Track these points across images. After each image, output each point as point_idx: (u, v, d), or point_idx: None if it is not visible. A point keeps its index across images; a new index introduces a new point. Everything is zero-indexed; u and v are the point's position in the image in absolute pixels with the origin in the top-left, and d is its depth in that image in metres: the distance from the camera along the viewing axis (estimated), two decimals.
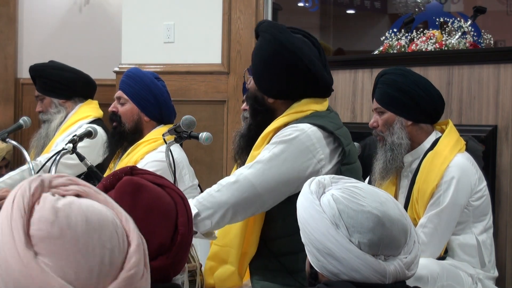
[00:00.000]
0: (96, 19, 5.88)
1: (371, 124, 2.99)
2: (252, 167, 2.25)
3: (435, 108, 2.94)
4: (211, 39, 4.73)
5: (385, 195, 1.54)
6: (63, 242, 1.01)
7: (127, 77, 3.15)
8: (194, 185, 3.07)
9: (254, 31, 2.45)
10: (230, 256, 2.37)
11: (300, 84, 2.34)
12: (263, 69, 2.36)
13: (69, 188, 1.09)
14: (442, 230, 2.76)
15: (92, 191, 1.10)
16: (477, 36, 3.84)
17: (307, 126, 2.29)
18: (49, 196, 1.06)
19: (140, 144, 3.06)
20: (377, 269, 1.46)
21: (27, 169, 3.24)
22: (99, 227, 1.03)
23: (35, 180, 1.08)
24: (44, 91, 3.70)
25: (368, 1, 8.38)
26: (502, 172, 3.23)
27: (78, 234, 1.01)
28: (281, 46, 2.31)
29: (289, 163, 2.24)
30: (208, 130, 2.71)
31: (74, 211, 1.03)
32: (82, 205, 1.05)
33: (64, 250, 1.00)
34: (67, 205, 1.04)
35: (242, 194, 2.21)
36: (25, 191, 1.06)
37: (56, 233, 1.01)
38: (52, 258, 1.00)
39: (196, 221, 2.19)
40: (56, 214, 1.02)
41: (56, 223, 1.01)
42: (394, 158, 2.91)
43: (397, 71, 2.97)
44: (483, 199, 2.88)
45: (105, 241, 1.02)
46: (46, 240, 1.01)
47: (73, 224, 1.02)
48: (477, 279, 2.81)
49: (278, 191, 2.24)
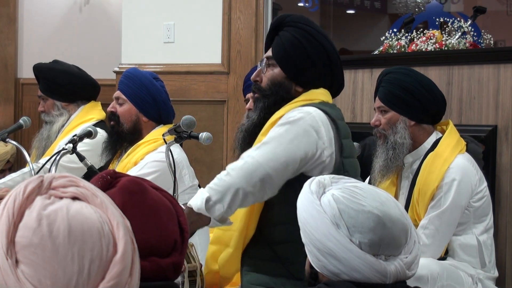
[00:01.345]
0: (96, 19, 5.88)
1: (373, 122, 2.98)
2: (259, 148, 2.27)
3: (438, 109, 2.94)
4: (211, 39, 4.73)
5: (385, 195, 1.54)
6: (42, 251, 1.00)
7: (126, 78, 3.15)
8: (194, 185, 3.07)
9: (277, 23, 2.49)
10: (233, 239, 2.40)
11: (328, 74, 2.45)
12: (303, 58, 2.42)
13: (67, 190, 1.09)
14: (443, 231, 2.77)
15: (90, 193, 1.09)
16: (477, 36, 3.85)
17: (312, 109, 2.34)
18: (40, 201, 1.05)
19: (140, 145, 3.06)
20: (378, 269, 1.46)
21: (28, 172, 3.23)
22: (82, 236, 1.02)
23: (33, 181, 1.08)
24: (48, 92, 3.67)
25: (368, 1, 8.38)
26: (502, 172, 3.23)
27: (58, 244, 1.00)
28: (320, 35, 2.44)
29: (295, 142, 2.27)
30: (208, 130, 2.71)
31: (59, 219, 1.02)
32: (69, 212, 1.03)
33: (43, 260, 1.00)
34: (53, 212, 1.03)
35: (251, 174, 2.22)
36: (19, 194, 1.05)
37: (36, 241, 1.00)
38: (30, 267, 1.00)
39: (208, 206, 2.20)
40: (40, 221, 1.01)
41: (38, 231, 1.01)
42: (395, 156, 2.91)
43: (401, 70, 2.96)
44: (483, 200, 2.88)
45: (86, 252, 1.02)
46: (27, 248, 1.00)
47: (55, 233, 1.01)
48: (477, 279, 2.81)
49: (285, 170, 2.26)
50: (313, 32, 2.44)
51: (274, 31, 2.49)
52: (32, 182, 1.08)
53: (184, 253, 1.50)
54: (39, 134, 3.72)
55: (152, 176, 2.91)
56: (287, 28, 2.45)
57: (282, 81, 2.45)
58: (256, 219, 2.41)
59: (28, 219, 1.02)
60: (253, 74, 2.52)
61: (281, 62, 2.44)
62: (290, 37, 2.43)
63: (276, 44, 2.47)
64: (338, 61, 2.47)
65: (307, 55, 2.42)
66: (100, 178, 1.51)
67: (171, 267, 1.40)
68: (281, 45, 2.45)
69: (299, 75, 2.44)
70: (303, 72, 2.43)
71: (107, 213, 1.08)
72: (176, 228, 1.49)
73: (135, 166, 2.99)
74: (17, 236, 1.01)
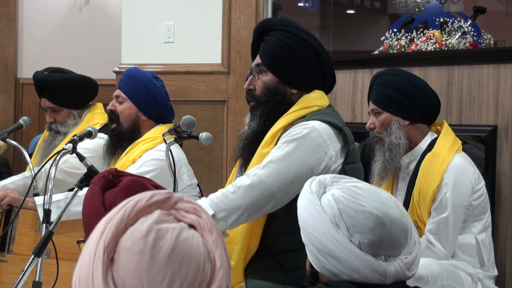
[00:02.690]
0: (96, 19, 5.88)
1: (368, 126, 3.00)
2: (266, 167, 2.27)
3: (431, 107, 2.94)
4: (211, 39, 4.73)
5: (385, 195, 1.54)
6: (138, 260, 1.00)
7: (126, 76, 3.16)
8: (193, 184, 3.07)
9: (260, 29, 2.48)
10: (234, 253, 2.39)
11: (319, 71, 2.44)
12: (293, 60, 2.41)
13: (188, 216, 1.08)
14: (452, 233, 2.79)
15: (208, 227, 1.08)
16: (477, 36, 3.84)
17: (317, 123, 2.33)
18: (158, 214, 1.05)
19: (138, 143, 3.06)
20: (378, 269, 1.46)
21: (30, 175, 3.22)
22: (180, 263, 1.01)
23: (161, 194, 1.08)
24: (61, 103, 3.52)
25: (368, 1, 8.37)
26: (502, 172, 3.23)
27: (155, 260, 1.00)
28: (306, 35, 2.43)
29: (302, 161, 2.27)
30: (208, 130, 2.71)
31: (167, 237, 1.02)
32: (179, 236, 1.03)
33: (135, 268, 1.00)
34: (164, 229, 1.03)
35: (257, 195, 2.23)
36: (142, 200, 1.06)
37: (137, 249, 1.01)
38: (121, 270, 1.00)
39: None
40: (149, 232, 1.02)
41: (143, 240, 1.01)
42: (392, 158, 2.91)
43: (393, 71, 2.98)
44: (482, 198, 2.88)
45: (177, 278, 1.01)
46: (126, 251, 1.01)
47: (157, 248, 1.01)
48: (476, 278, 2.82)
49: (292, 189, 2.26)
50: (297, 33, 2.43)
51: (259, 38, 2.48)
52: (159, 194, 1.08)
53: None
54: (43, 143, 3.57)
55: (151, 174, 2.91)
56: (271, 33, 2.44)
57: (276, 85, 2.44)
58: (260, 233, 2.41)
59: (139, 226, 1.03)
60: (246, 83, 2.51)
61: (271, 67, 2.43)
62: (277, 40, 2.42)
63: (264, 50, 2.45)
64: (327, 57, 2.46)
65: (296, 56, 2.40)
66: (102, 177, 1.52)
67: None
68: (269, 50, 2.43)
69: (291, 77, 2.43)
70: (295, 74, 2.42)
71: (215, 252, 1.07)
72: None
73: (133, 164, 2.99)
74: (123, 237, 1.02)
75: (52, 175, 2.50)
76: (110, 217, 1.05)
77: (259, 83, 2.45)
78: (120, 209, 1.05)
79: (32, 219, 3.01)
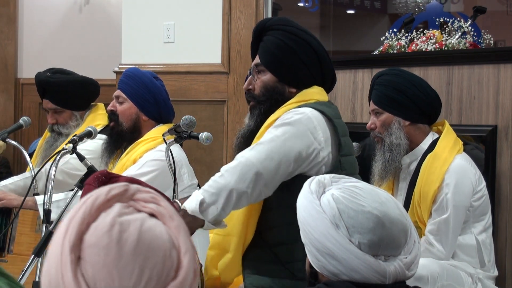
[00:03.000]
0: (96, 19, 5.88)
1: (368, 126, 3.00)
2: (254, 148, 2.27)
3: (432, 107, 2.94)
4: (211, 39, 4.73)
5: (385, 195, 1.54)
6: (106, 255, 1.01)
7: (126, 77, 3.15)
8: (193, 184, 3.07)
9: (259, 29, 2.48)
10: (232, 245, 2.39)
11: (318, 70, 2.45)
12: (291, 59, 2.42)
13: (148, 205, 1.09)
14: (452, 234, 2.78)
15: (168, 215, 1.09)
16: (477, 36, 3.84)
17: (308, 109, 2.34)
18: (118, 207, 1.06)
19: (139, 143, 3.06)
20: (377, 269, 1.46)
21: (30, 176, 3.21)
22: (147, 253, 1.02)
23: (118, 188, 1.08)
24: (64, 105, 3.52)
25: (368, 1, 8.37)
26: (502, 172, 3.23)
27: (122, 253, 1.01)
28: (305, 34, 2.43)
29: (289, 143, 2.26)
30: (208, 130, 2.71)
31: (131, 229, 1.03)
32: (142, 226, 1.04)
33: (103, 263, 1.00)
34: (127, 221, 1.03)
35: (244, 175, 2.21)
36: (100, 196, 1.06)
37: (103, 244, 1.01)
38: (90, 267, 1.01)
39: (202, 208, 2.19)
40: (112, 226, 1.02)
41: (108, 235, 1.02)
42: (393, 158, 2.91)
43: (393, 71, 2.98)
44: (483, 199, 2.88)
45: (146, 268, 1.02)
46: (92, 247, 1.01)
47: (123, 241, 1.01)
48: (477, 278, 2.82)
49: (279, 171, 2.25)
50: (296, 32, 2.43)
51: (257, 38, 2.49)
52: (116, 188, 1.08)
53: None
54: (44, 144, 3.55)
55: (151, 175, 2.91)
56: (270, 32, 2.44)
57: (275, 85, 2.44)
58: (255, 223, 2.40)
59: (101, 221, 1.03)
60: (245, 83, 2.52)
61: (270, 67, 2.44)
62: (275, 40, 2.42)
63: (263, 50, 2.46)
64: (326, 56, 2.46)
65: (295, 55, 2.41)
66: (95, 178, 1.52)
67: None
68: (268, 50, 2.44)
69: (290, 77, 2.44)
70: (294, 73, 2.43)
71: (178, 238, 1.08)
72: None
73: (134, 164, 2.99)
74: (87, 234, 1.02)
75: (52, 175, 2.50)
76: (71, 216, 1.05)
77: (258, 82, 2.46)
78: (80, 207, 1.06)
79: (32, 219, 3.01)
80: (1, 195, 3.08)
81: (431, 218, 2.79)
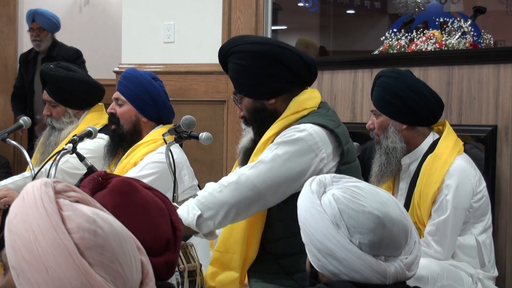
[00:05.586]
0: (96, 19, 5.89)
1: (368, 126, 3.01)
2: (254, 167, 2.26)
3: (430, 112, 2.93)
4: (211, 39, 4.73)
5: (386, 195, 1.54)
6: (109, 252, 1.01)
7: (124, 78, 3.14)
8: (194, 185, 3.06)
9: (221, 61, 2.49)
10: (233, 262, 2.38)
11: (288, 73, 2.38)
12: (253, 77, 2.38)
13: (70, 194, 1.08)
14: (451, 235, 2.78)
15: (89, 198, 1.09)
16: (477, 36, 3.84)
17: (308, 126, 2.31)
18: (67, 203, 1.05)
19: (139, 146, 3.05)
20: (378, 269, 1.46)
21: (30, 176, 3.21)
22: (125, 235, 1.03)
23: (46, 185, 1.06)
24: (60, 100, 3.52)
25: (368, 1, 8.37)
26: (502, 173, 3.23)
27: (121, 244, 1.02)
28: (255, 45, 2.38)
29: (291, 163, 2.25)
30: (208, 130, 2.71)
31: (100, 220, 1.03)
32: (100, 214, 1.04)
33: (110, 261, 1.00)
34: (94, 213, 1.04)
35: (244, 194, 2.21)
36: (48, 195, 1.04)
37: (100, 242, 1.01)
38: (102, 269, 1.00)
39: (199, 221, 2.20)
40: (94, 223, 1.01)
41: (97, 232, 1.01)
42: (389, 162, 2.92)
43: (392, 74, 2.96)
44: (483, 200, 2.88)
45: (129, 249, 1.03)
46: (92, 249, 1.00)
47: (107, 233, 1.02)
48: (477, 279, 2.82)
49: (280, 190, 2.25)
50: (246, 48, 2.38)
51: (226, 69, 2.50)
52: (46, 185, 1.06)
53: (178, 251, 1.51)
54: (43, 138, 3.58)
55: (152, 177, 2.90)
56: (229, 59, 2.44)
57: (253, 106, 2.43)
58: (258, 240, 2.39)
59: (78, 221, 1.02)
60: (238, 112, 2.52)
61: (242, 91, 2.44)
62: (233, 66, 2.42)
63: (231, 78, 2.48)
64: (293, 56, 2.37)
65: (254, 71, 2.37)
66: (91, 180, 1.52)
67: (164, 265, 1.41)
68: (233, 78, 2.45)
69: (262, 92, 2.41)
70: (262, 87, 2.40)
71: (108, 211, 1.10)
72: (168, 227, 1.50)
73: (135, 167, 2.98)
74: (75, 238, 1.00)
75: (52, 175, 2.50)
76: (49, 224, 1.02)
77: (242, 108, 2.47)
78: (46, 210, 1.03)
79: None
80: (4, 192, 3.08)
81: (430, 219, 2.79)
